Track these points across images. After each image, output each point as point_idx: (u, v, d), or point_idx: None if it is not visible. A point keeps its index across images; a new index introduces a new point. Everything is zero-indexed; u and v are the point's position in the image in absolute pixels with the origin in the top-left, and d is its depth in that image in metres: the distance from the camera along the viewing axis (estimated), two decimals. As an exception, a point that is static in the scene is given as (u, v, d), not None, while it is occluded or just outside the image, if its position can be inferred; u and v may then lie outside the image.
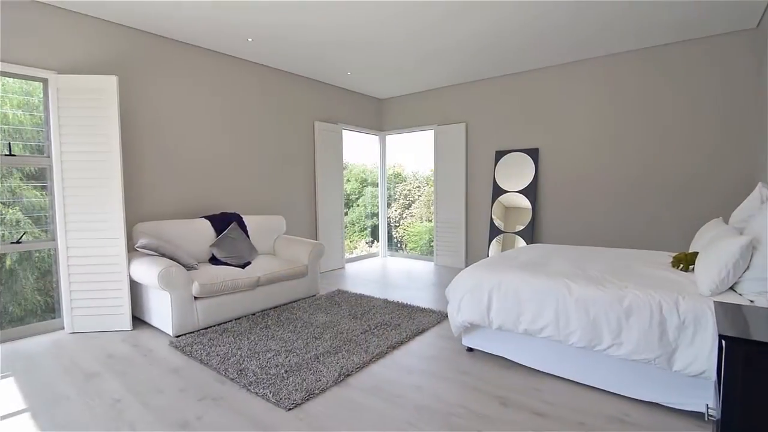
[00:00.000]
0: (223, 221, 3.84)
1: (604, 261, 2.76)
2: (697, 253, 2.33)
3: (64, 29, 3.14)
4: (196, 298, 3.06)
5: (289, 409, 2.00)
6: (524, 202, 4.81)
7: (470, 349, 2.69)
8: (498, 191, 5.02)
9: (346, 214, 5.91)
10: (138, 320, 3.31)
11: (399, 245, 7.76)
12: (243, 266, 3.56)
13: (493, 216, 5.04)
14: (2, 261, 3.11)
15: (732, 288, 1.94)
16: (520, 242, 4.77)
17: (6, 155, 2.97)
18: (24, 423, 1.92)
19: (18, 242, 3.03)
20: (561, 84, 4.57)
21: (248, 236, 3.94)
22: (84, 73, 3.22)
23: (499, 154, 5.05)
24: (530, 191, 4.77)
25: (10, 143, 3.00)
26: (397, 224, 7.94)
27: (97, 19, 3.30)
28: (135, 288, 3.26)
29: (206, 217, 3.80)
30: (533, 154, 4.79)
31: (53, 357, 2.66)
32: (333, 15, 3.28)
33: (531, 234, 4.71)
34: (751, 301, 1.82)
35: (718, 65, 3.71)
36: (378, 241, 6.72)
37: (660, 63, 3.98)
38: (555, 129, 4.65)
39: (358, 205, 7.99)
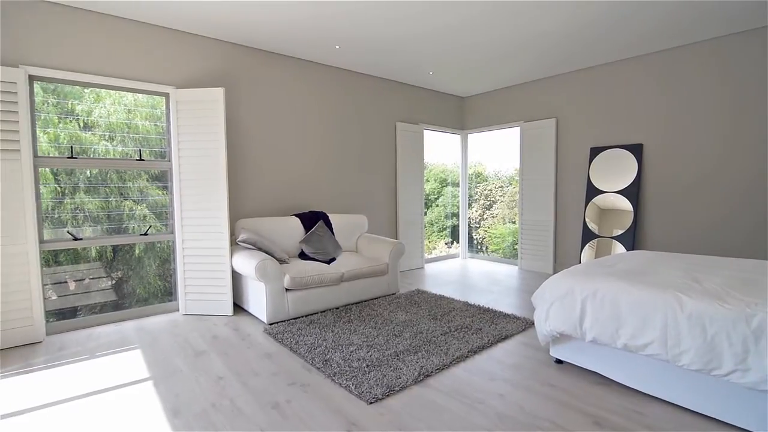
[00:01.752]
0: (311, 219, 4.08)
1: (723, 272, 2.39)
2: None
3: (181, 48, 3.59)
4: (287, 289, 3.30)
5: (371, 403, 2.06)
6: (624, 204, 4.36)
7: (559, 361, 2.51)
8: (593, 191, 4.62)
9: (425, 214, 5.90)
10: (238, 307, 3.67)
11: (480, 247, 7.54)
12: (328, 262, 3.75)
13: (586, 218, 4.65)
14: (133, 250, 3.66)
15: None
16: (619, 248, 4.33)
17: (137, 160, 3.48)
18: (148, 389, 2.23)
19: (145, 234, 3.54)
20: (668, 72, 4.06)
21: (333, 234, 4.14)
22: (196, 86, 3.65)
23: (595, 151, 4.65)
24: (632, 192, 4.31)
25: (140, 150, 3.52)
26: (478, 225, 7.72)
27: (206, 38, 3.72)
28: (236, 278, 3.61)
29: (296, 215, 4.08)
30: (636, 150, 4.32)
31: (170, 335, 3.06)
32: (416, 15, 3.30)
33: (632, 239, 4.25)
34: None
35: None
36: (458, 242, 6.60)
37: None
38: (663, 122, 4.14)
39: (437, 205, 7.93)
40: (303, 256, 3.85)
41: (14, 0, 2.86)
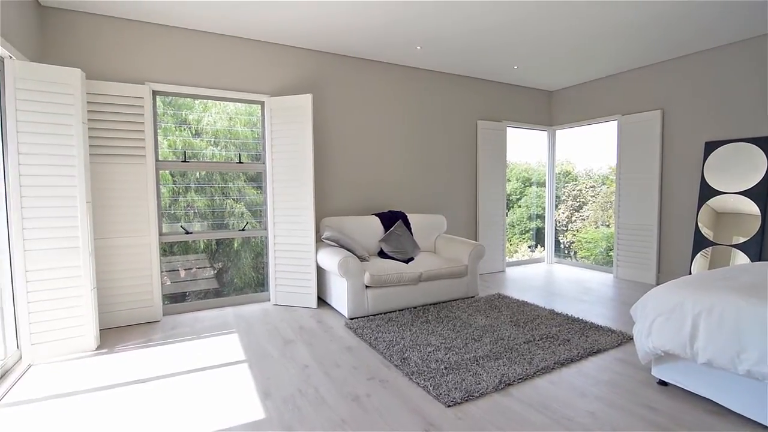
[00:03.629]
0: (390, 219, 4.15)
1: None
2: None
3: (274, 59, 3.88)
4: (367, 286, 3.39)
5: (449, 406, 2.03)
6: (749, 207, 3.75)
7: (663, 383, 2.24)
8: (707, 192, 4.04)
9: (507, 215, 5.66)
10: (321, 300, 3.87)
11: (567, 251, 7.03)
12: (407, 261, 3.78)
13: (698, 223, 4.09)
14: (232, 244, 4.05)
15: None
16: (741, 258, 3.73)
17: (237, 163, 3.85)
18: (243, 370, 2.45)
19: (242, 230, 3.89)
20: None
21: (412, 233, 4.16)
22: (287, 93, 3.92)
23: (711, 146, 4.06)
24: (759, 192, 3.68)
25: (239, 153, 3.87)
26: (565, 228, 7.19)
27: (295, 47, 3.97)
28: (320, 273, 3.81)
29: (376, 215, 4.17)
30: (765, 144, 3.69)
31: (262, 323, 3.32)
32: (497, 9, 3.17)
33: (758, 249, 3.63)
34: None
35: None
36: (542, 246, 6.23)
37: None
38: (804, 110, 3.48)
39: (519, 206, 7.55)
40: (382, 254, 3.93)
41: (140, 27, 3.33)
